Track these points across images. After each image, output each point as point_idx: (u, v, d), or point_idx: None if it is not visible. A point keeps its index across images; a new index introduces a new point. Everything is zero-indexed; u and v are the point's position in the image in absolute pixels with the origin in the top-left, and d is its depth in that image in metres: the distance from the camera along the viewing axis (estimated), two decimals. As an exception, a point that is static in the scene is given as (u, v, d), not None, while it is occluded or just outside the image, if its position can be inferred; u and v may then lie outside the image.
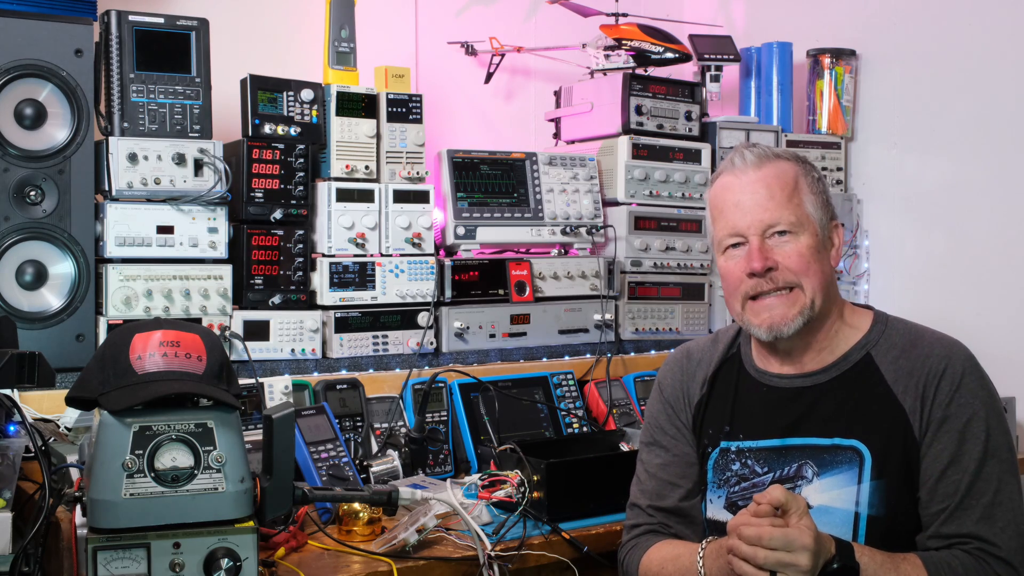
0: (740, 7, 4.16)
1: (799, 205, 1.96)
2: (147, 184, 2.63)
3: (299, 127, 2.85)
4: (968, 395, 1.90)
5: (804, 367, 2.01)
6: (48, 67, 2.55)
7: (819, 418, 1.96)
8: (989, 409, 1.90)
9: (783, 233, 1.95)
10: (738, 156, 2.01)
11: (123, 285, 2.62)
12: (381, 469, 2.53)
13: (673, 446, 2.14)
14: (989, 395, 1.93)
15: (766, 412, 2.01)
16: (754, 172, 1.98)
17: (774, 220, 1.95)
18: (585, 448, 2.65)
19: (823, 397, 1.98)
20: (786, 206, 1.95)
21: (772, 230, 1.95)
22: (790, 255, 1.94)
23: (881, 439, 1.92)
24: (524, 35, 3.81)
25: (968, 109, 3.45)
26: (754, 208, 1.96)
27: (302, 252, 2.85)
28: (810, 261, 1.94)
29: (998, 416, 1.92)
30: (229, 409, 1.80)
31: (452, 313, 3.01)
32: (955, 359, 1.93)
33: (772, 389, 2.04)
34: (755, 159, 1.99)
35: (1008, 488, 1.87)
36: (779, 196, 1.96)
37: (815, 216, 1.97)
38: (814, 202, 1.98)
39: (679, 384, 2.16)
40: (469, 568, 2.10)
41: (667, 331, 3.37)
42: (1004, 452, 1.90)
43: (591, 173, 3.32)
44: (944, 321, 2.27)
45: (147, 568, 1.71)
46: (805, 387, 2.00)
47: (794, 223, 1.95)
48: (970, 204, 3.45)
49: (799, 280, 1.94)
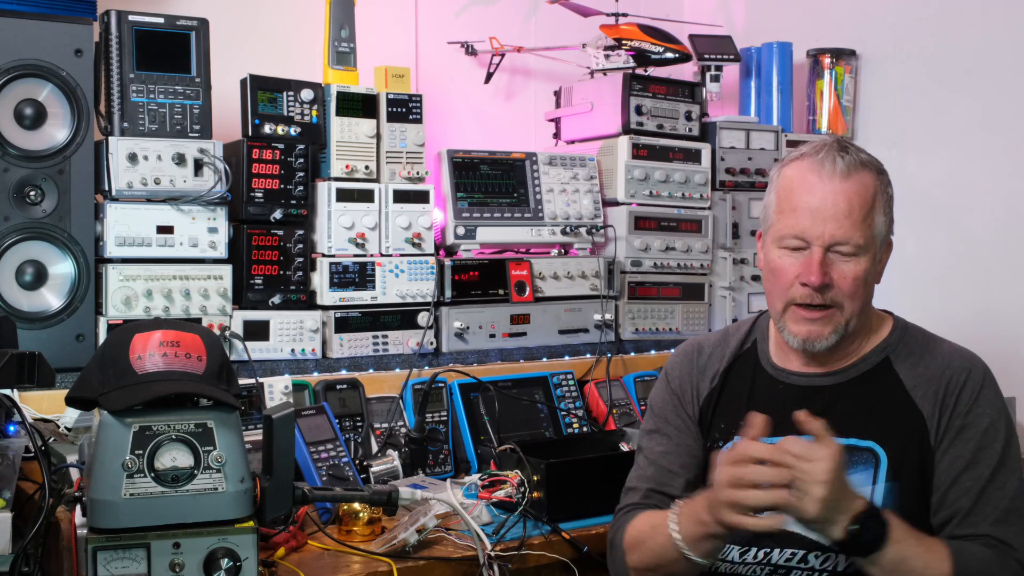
0: (740, 7, 4.16)
1: (870, 227, 1.93)
2: (147, 184, 2.63)
3: (299, 127, 2.85)
4: (987, 405, 1.92)
5: (824, 367, 2.01)
6: (48, 67, 2.55)
7: (836, 417, 1.91)
8: (1006, 420, 1.93)
9: (847, 254, 1.92)
10: (828, 159, 1.93)
11: (123, 285, 2.62)
12: (381, 469, 2.53)
13: (676, 436, 2.12)
14: (1005, 407, 1.95)
15: (784, 409, 1.95)
16: (841, 182, 1.91)
17: (844, 239, 1.91)
18: (585, 448, 2.65)
19: (841, 397, 1.98)
20: (859, 227, 1.91)
21: (836, 247, 1.92)
22: (846, 276, 1.92)
23: (898, 442, 1.92)
24: (524, 35, 3.80)
25: (968, 109, 3.45)
26: (829, 221, 1.91)
27: (302, 252, 2.85)
28: (861, 285, 1.93)
29: (1011, 428, 1.94)
30: (229, 409, 1.80)
31: (452, 313, 3.01)
32: (976, 370, 1.95)
33: (789, 387, 2.03)
34: (845, 168, 1.92)
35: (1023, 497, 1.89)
36: (856, 215, 1.91)
37: (879, 237, 1.96)
38: (883, 223, 1.96)
39: (688, 376, 2.14)
40: (469, 568, 2.10)
41: (667, 331, 3.37)
42: (1019, 463, 1.92)
43: (591, 173, 3.32)
44: (944, 321, 2.28)
45: (147, 568, 1.71)
46: (824, 386, 2.00)
47: (860, 246, 1.92)
48: (970, 204, 3.45)
49: (844, 302, 1.93)
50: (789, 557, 1.93)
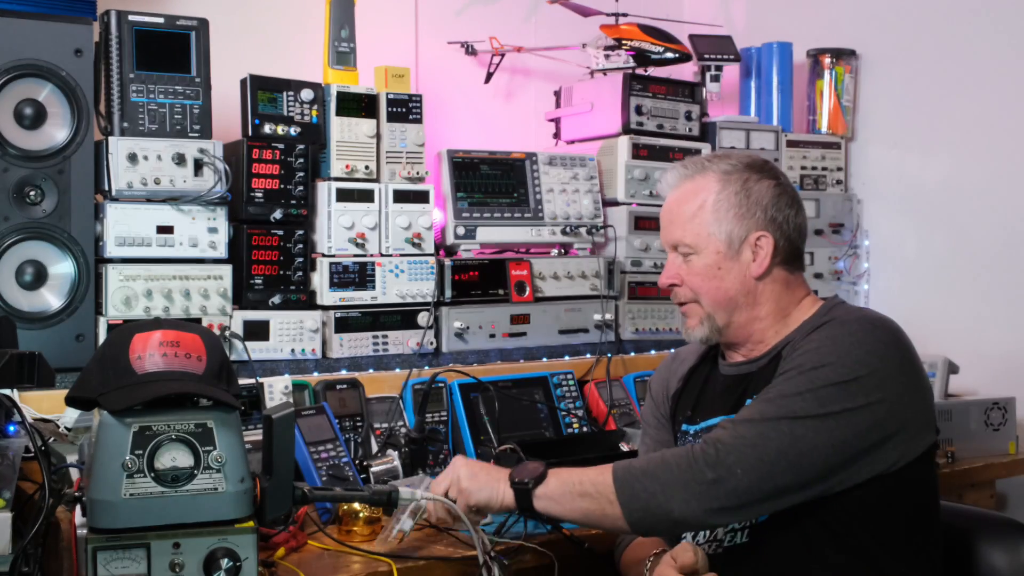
0: (740, 7, 4.16)
1: (700, 225, 2.06)
2: (147, 184, 2.63)
3: (299, 127, 2.85)
4: (820, 343, 1.92)
5: (747, 356, 2.11)
6: (48, 67, 2.55)
7: (751, 398, 2.01)
8: (839, 367, 1.87)
9: (684, 253, 2.08)
10: (666, 176, 2.15)
11: (123, 285, 2.62)
12: (381, 469, 2.53)
13: (656, 434, 2.27)
14: (864, 352, 1.88)
15: (720, 397, 2.12)
16: (672, 192, 2.13)
17: (676, 240, 2.10)
18: (585, 448, 2.65)
19: (755, 381, 2.05)
20: (686, 227, 2.08)
21: (679, 249, 2.09)
22: (689, 273, 2.09)
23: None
24: (524, 35, 3.80)
25: (968, 109, 3.45)
26: (665, 227, 2.13)
27: (302, 252, 2.85)
28: (704, 279, 2.07)
29: (847, 380, 1.85)
30: (229, 409, 1.80)
31: (452, 313, 3.01)
32: (844, 320, 1.97)
33: (727, 377, 2.14)
34: (675, 179, 2.13)
35: (770, 436, 1.85)
36: (680, 218, 2.09)
37: (718, 234, 2.05)
38: (720, 219, 2.05)
39: (663, 381, 2.30)
40: (469, 568, 2.10)
41: (667, 331, 3.37)
42: (808, 409, 1.86)
43: (591, 173, 3.32)
44: (944, 321, 2.28)
45: (147, 568, 1.71)
46: (746, 373, 2.09)
47: (691, 244, 2.08)
48: (970, 204, 3.45)
49: (697, 296, 2.08)
50: (730, 530, 2.02)
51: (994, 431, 3.00)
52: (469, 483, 2.02)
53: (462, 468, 2.06)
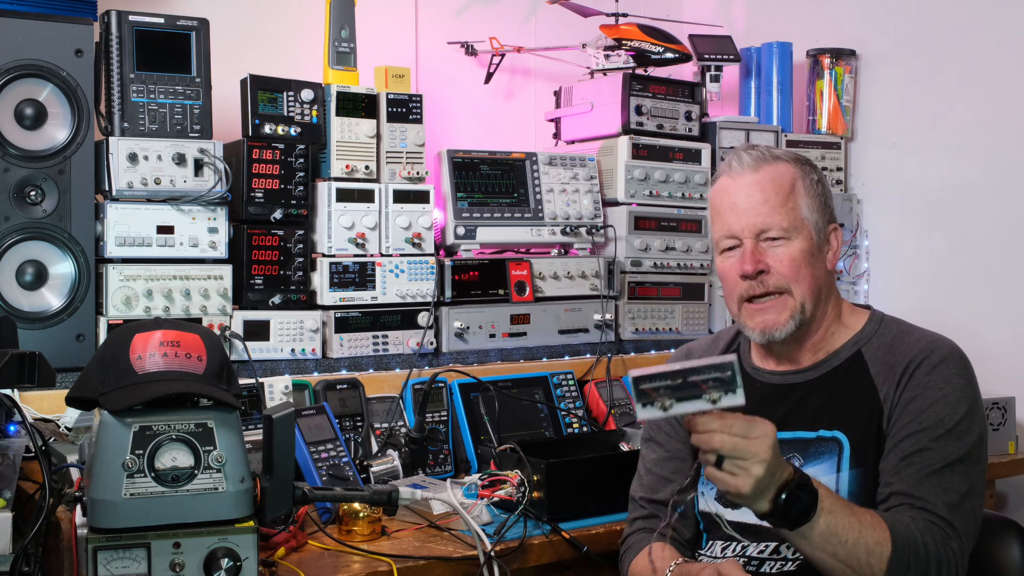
0: (740, 7, 4.16)
1: (794, 209, 1.97)
2: (147, 184, 2.63)
3: (299, 127, 2.86)
4: (941, 380, 1.90)
5: (798, 365, 2.04)
6: (48, 67, 2.55)
7: (807, 412, 1.98)
8: (962, 398, 1.88)
9: (776, 238, 1.97)
10: (735, 158, 2.03)
11: (123, 285, 2.62)
12: (381, 469, 2.53)
13: (668, 443, 2.17)
14: (968, 386, 1.91)
15: (759, 408, 1.97)
16: (751, 175, 2.00)
17: (767, 224, 1.97)
18: (585, 448, 2.65)
19: (812, 392, 2.00)
20: (779, 211, 1.97)
21: (765, 234, 1.97)
22: (782, 259, 1.96)
23: (859, 429, 1.93)
24: (524, 35, 3.81)
25: (968, 109, 3.45)
26: (748, 211, 1.98)
27: (302, 252, 2.85)
28: (801, 266, 1.96)
29: (972, 412, 1.89)
30: (229, 409, 1.80)
31: (452, 313, 3.01)
32: (939, 349, 1.94)
33: (765, 386, 2.06)
34: (752, 161, 2.00)
35: (964, 480, 1.84)
36: (773, 200, 1.97)
37: (810, 220, 1.99)
38: (810, 205, 1.99)
39: None
40: (469, 568, 2.10)
41: (667, 331, 3.37)
42: (968, 447, 1.86)
43: (591, 173, 3.32)
44: (944, 321, 2.28)
45: (147, 568, 1.71)
46: (796, 383, 2.03)
47: (787, 228, 1.97)
48: (970, 204, 3.45)
49: (789, 285, 1.97)
50: (763, 549, 1.96)
51: (994, 431, 2.99)
52: (766, 453, 1.70)
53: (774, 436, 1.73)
